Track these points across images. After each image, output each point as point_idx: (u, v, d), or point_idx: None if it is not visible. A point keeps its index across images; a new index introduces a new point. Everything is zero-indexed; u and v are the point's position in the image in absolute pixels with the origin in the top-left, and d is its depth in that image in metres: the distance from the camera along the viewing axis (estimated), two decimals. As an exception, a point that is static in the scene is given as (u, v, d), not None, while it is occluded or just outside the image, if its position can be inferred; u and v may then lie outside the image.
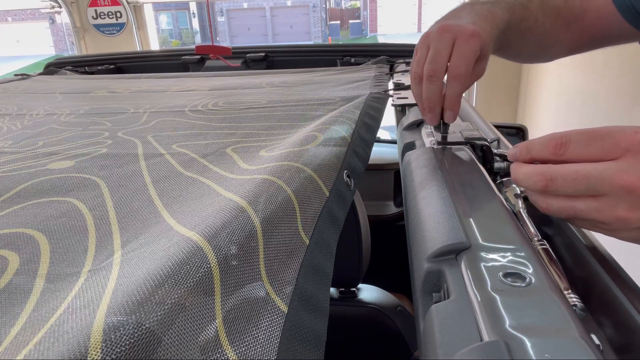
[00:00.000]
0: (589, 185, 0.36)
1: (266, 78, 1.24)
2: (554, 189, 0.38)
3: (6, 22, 28.76)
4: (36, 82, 1.40)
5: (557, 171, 0.38)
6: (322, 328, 0.35)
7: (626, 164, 0.35)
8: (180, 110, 0.86)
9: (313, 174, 0.49)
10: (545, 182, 0.38)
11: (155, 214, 0.42)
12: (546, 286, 0.29)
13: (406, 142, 0.65)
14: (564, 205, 0.38)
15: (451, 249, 0.35)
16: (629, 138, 0.35)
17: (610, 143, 0.36)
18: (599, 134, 0.37)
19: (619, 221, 0.36)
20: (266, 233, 0.37)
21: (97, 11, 4.25)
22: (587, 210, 0.37)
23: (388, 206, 1.67)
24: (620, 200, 0.35)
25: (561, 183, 0.37)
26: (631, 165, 0.35)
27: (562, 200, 0.39)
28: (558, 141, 0.38)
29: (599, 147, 0.36)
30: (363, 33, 30.79)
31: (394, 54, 1.53)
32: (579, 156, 0.37)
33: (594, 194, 0.36)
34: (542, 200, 0.40)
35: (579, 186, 0.37)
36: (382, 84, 1.01)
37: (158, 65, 1.79)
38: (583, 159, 0.37)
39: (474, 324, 0.27)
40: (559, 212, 0.39)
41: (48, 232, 0.40)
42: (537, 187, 0.39)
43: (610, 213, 0.36)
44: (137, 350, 0.24)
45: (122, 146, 0.64)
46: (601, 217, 0.37)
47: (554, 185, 0.38)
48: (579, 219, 0.39)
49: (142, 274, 0.29)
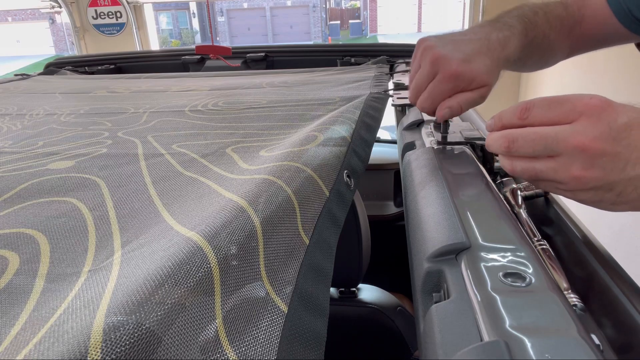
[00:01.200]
0: (546, 145, 0.39)
1: (266, 78, 1.24)
2: (516, 149, 0.41)
3: (6, 22, 28.76)
4: (36, 82, 1.40)
5: (519, 133, 0.41)
6: (322, 328, 0.35)
7: (580, 126, 0.38)
8: (180, 110, 0.86)
9: (313, 174, 0.49)
10: (508, 143, 0.41)
11: (155, 214, 0.42)
12: (546, 286, 0.29)
13: (406, 142, 0.65)
14: (526, 166, 0.42)
15: (451, 249, 0.35)
16: (585, 102, 0.38)
17: (568, 107, 0.39)
18: (559, 100, 0.40)
19: (574, 180, 0.39)
20: (266, 233, 0.37)
21: (97, 11, 4.25)
22: (546, 170, 0.40)
23: (388, 206, 1.67)
24: (574, 160, 0.38)
25: (522, 144, 0.41)
26: (585, 126, 0.37)
27: (524, 161, 0.42)
28: (523, 107, 0.41)
29: (558, 111, 0.39)
30: (363, 33, 30.79)
31: (394, 54, 1.53)
32: (540, 120, 0.40)
33: (551, 154, 0.39)
34: (508, 163, 0.43)
35: (537, 146, 0.40)
36: (382, 84, 1.01)
37: (158, 65, 1.79)
38: (544, 122, 0.40)
39: (474, 324, 0.27)
40: (522, 173, 0.42)
41: (48, 232, 0.40)
42: (502, 149, 0.42)
43: (566, 172, 0.39)
44: (137, 350, 0.24)
45: (122, 146, 0.64)
46: (559, 177, 0.39)
47: (516, 146, 0.41)
48: (540, 179, 0.42)
49: (142, 274, 0.29)
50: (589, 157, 0.38)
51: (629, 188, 0.38)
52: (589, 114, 0.38)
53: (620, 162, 0.37)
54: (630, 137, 0.37)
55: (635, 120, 0.37)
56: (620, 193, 0.39)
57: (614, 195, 0.39)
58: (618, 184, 0.38)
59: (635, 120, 0.37)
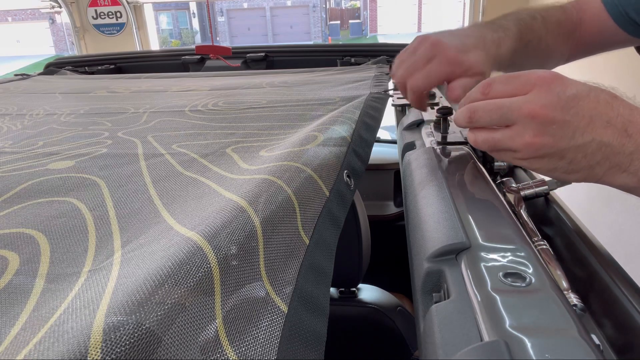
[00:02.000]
0: (502, 114, 0.43)
1: (266, 78, 1.24)
2: (476, 120, 0.45)
3: (6, 22, 28.75)
4: (36, 82, 1.40)
5: (478, 105, 0.45)
6: (322, 328, 0.35)
7: (532, 96, 0.42)
8: (180, 110, 0.86)
9: (313, 174, 0.49)
10: (470, 114, 0.45)
11: (155, 214, 0.42)
12: (546, 286, 0.29)
13: (406, 142, 0.65)
14: (486, 137, 0.45)
15: (451, 249, 0.35)
16: (537, 76, 0.42)
17: (523, 80, 0.43)
18: (517, 75, 0.44)
19: (527, 146, 0.42)
20: (266, 233, 0.37)
21: (97, 11, 4.24)
22: (503, 139, 0.43)
23: (388, 206, 1.67)
24: (527, 127, 0.42)
25: (481, 114, 0.44)
26: (536, 96, 0.41)
27: (485, 132, 0.45)
28: (486, 83, 0.46)
29: (515, 84, 0.43)
30: (363, 33, 30.78)
31: (394, 54, 1.52)
32: (500, 93, 0.44)
33: (508, 124, 0.43)
34: (471, 135, 0.47)
35: (494, 115, 0.44)
36: (382, 84, 1.01)
37: (158, 65, 1.79)
38: (503, 95, 0.44)
39: (474, 324, 0.27)
40: (484, 143, 0.46)
41: (48, 232, 0.40)
42: (465, 121, 0.46)
43: (520, 139, 0.42)
44: (137, 350, 0.24)
45: (122, 146, 0.64)
46: (514, 144, 0.43)
47: (476, 116, 0.45)
48: (500, 149, 0.45)
49: (142, 274, 0.29)
50: (539, 124, 0.41)
51: (579, 155, 0.41)
52: (540, 85, 0.41)
53: (569, 130, 0.40)
54: (578, 106, 0.40)
55: (583, 92, 0.41)
56: (571, 161, 0.42)
57: (566, 163, 0.42)
58: (568, 151, 0.41)
59: (583, 92, 0.41)
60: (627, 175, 0.41)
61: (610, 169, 0.41)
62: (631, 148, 0.40)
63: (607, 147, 0.40)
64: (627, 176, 0.41)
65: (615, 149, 0.40)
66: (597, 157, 0.41)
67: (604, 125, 0.40)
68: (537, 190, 0.56)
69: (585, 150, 0.41)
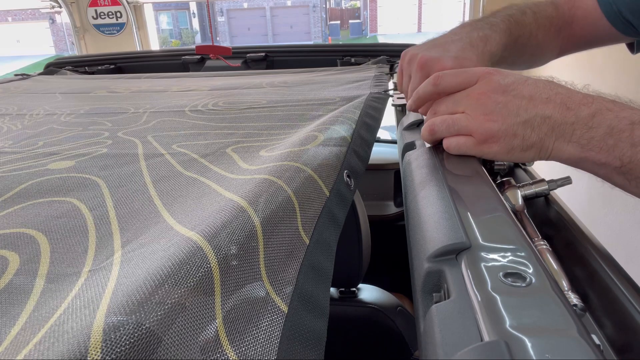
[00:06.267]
0: (455, 101, 0.51)
1: (266, 78, 1.24)
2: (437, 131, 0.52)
3: (6, 22, 28.75)
4: (36, 82, 1.40)
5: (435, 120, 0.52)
6: (322, 328, 0.35)
7: (478, 85, 0.49)
8: (180, 110, 0.86)
9: (313, 174, 0.49)
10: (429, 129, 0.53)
11: (155, 214, 0.42)
12: (546, 286, 0.29)
13: (406, 142, 0.65)
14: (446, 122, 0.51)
15: (451, 249, 0.35)
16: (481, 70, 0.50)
17: (470, 74, 0.50)
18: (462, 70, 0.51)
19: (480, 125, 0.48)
20: (266, 233, 0.37)
21: (97, 11, 4.24)
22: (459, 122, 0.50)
23: (388, 206, 1.67)
24: (477, 109, 0.48)
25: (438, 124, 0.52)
26: (481, 84, 0.49)
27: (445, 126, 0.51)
28: (436, 75, 0.53)
29: (463, 76, 0.51)
30: (363, 33, 30.78)
31: (394, 54, 1.53)
32: (450, 84, 0.51)
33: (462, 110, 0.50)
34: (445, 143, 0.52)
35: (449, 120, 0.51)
36: (382, 84, 1.01)
37: (158, 65, 1.79)
38: (452, 85, 0.51)
39: (474, 324, 0.27)
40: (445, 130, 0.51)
41: (48, 232, 0.40)
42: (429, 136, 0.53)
43: (474, 120, 0.48)
44: (137, 350, 0.24)
45: (122, 146, 0.64)
46: (470, 125, 0.49)
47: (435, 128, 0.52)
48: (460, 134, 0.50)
49: (142, 274, 0.29)
50: (487, 105, 0.48)
51: (528, 130, 0.46)
52: (483, 77, 0.49)
53: (513, 107, 0.46)
54: (516, 89, 0.47)
55: (521, 79, 0.48)
56: (523, 137, 0.46)
57: (520, 140, 0.47)
58: (517, 126, 0.46)
59: (521, 79, 0.48)
60: (572, 145, 0.45)
61: (557, 139, 0.45)
62: (572, 119, 0.45)
63: (550, 119, 0.45)
64: (573, 146, 0.45)
65: (558, 120, 0.45)
66: (544, 128, 0.45)
67: (544, 101, 0.46)
68: (537, 190, 0.55)
69: (532, 123, 0.46)
